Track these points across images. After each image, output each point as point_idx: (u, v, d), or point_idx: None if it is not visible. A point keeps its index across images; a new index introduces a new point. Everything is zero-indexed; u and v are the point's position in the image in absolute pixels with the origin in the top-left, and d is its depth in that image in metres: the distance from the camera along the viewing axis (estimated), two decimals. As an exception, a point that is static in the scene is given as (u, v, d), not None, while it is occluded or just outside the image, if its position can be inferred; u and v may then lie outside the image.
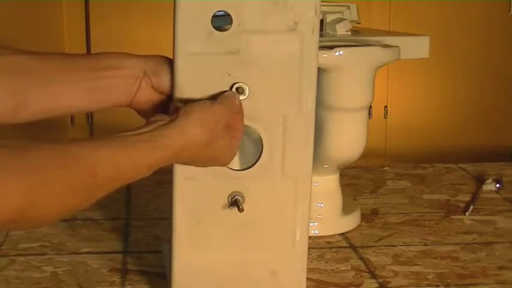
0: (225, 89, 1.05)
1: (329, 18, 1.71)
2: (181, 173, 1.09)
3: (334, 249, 1.50)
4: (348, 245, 1.52)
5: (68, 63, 0.99)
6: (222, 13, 1.03)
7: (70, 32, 2.71)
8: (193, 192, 1.10)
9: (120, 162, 0.82)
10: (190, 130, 0.91)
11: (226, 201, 1.11)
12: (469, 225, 1.65)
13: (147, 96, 1.03)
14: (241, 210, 1.09)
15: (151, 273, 1.37)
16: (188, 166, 1.07)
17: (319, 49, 1.09)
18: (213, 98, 1.01)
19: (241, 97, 1.04)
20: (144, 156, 0.85)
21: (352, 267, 1.41)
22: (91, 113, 2.73)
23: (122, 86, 1.01)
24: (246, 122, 1.08)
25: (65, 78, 0.97)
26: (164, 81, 1.03)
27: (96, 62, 1.00)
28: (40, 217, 0.72)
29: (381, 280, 1.36)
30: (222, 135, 0.96)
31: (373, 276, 1.37)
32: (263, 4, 1.03)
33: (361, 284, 1.34)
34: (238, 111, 1.01)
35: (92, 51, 2.70)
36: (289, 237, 1.14)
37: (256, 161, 1.10)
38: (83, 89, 0.98)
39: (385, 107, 2.93)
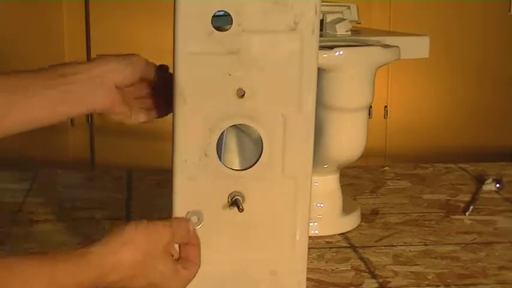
0: (226, 89, 1.05)
1: (329, 18, 1.71)
2: (181, 173, 1.09)
3: (334, 249, 1.50)
4: (348, 245, 1.52)
5: (30, 77, 0.94)
6: (222, 13, 1.03)
7: (70, 32, 2.71)
8: (194, 192, 1.10)
9: (38, 283, 0.72)
10: (120, 249, 0.80)
11: (226, 201, 1.11)
12: (469, 225, 1.65)
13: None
14: (241, 210, 1.09)
15: (152, 273, 1.36)
16: (188, 166, 1.07)
17: (319, 49, 1.09)
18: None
19: (197, 225, 1.03)
20: (65, 275, 0.74)
21: (352, 267, 1.41)
22: (91, 113, 2.73)
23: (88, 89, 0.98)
24: (246, 122, 1.08)
25: (30, 92, 0.92)
26: (125, 75, 1.00)
27: (56, 71, 0.97)
28: None
29: (380, 280, 1.36)
30: (162, 260, 0.85)
31: (373, 276, 1.37)
32: (263, 4, 1.03)
33: (361, 284, 1.34)
34: (192, 241, 0.92)
35: (92, 51, 2.70)
36: (289, 237, 1.14)
37: (256, 161, 1.10)
38: (48, 99, 0.93)
39: (385, 107, 2.93)
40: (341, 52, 1.45)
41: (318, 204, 1.57)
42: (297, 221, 1.14)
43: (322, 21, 1.70)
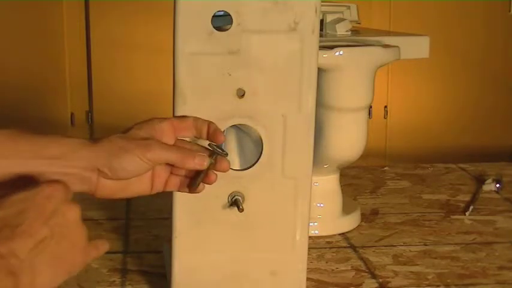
0: (226, 89, 1.05)
1: (329, 18, 1.71)
2: (181, 173, 1.09)
3: (334, 249, 1.50)
4: (348, 245, 1.52)
5: (9, 148, 0.79)
6: (222, 13, 1.03)
7: (70, 32, 2.71)
8: (193, 192, 1.10)
9: None
10: None
11: (226, 201, 1.11)
12: (469, 225, 1.65)
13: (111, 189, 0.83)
14: (241, 210, 1.09)
15: (151, 273, 1.37)
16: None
17: (319, 49, 1.09)
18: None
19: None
20: None
21: (352, 267, 1.41)
22: (91, 113, 2.73)
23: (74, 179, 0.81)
24: (246, 122, 1.08)
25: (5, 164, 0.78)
26: (123, 167, 0.81)
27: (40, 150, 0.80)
28: None
29: (380, 280, 1.35)
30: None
31: (373, 276, 1.37)
32: (263, 4, 1.03)
33: (361, 284, 1.34)
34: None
35: (92, 51, 2.70)
36: (289, 237, 1.14)
37: (256, 161, 1.10)
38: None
39: (385, 107, 2.93)
40: (341, 52, 1.45)
41: (318, 204, 1.57)
42: (297, 221, 1.14)
43: (322, 21, 1.70)
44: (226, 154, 0.80)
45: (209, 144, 0.81)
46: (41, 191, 0.68)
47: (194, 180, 0.82)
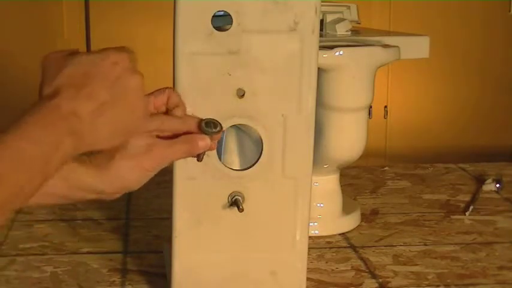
0: (226, 89, 1.05)
1: (329, 18, 1.71)
2: (181, 173, 1.09)
3: (334, 249, 1.50)
4: (348, 245, 1.52)
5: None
6: (222, 13, 1.03)
7: (70, 32, 2.71)
8: (194, 192, 1.10)
9: None
10: None
11: (226, 201, 1.11)
12: (469, 225, 1.65)
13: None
14: (241, 210, 1.09)
15: (151, 273, 1.37)
16: (188, 166, 1.07)
17: (319, 49, 1.09)
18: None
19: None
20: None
21: (352, 267, 1.41)
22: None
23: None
24: (246, 122, 1.08)
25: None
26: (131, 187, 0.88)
27: None
28: None
29: (380, 280, 1.35)
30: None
31: (373, 276, 1.37)
32: (263, 4, 1.03)
33: (361, 284, 1.34)
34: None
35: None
36: (289, 237, 1.14)
37: (256, 161, 1.10)
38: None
39: (385, 107, 2.93)
40: (341, 52, 1.45)
41: (318, 204, 1.57)
42: (297, 221, 1.14)
43: (322, 21, 1.70)
44: (218, 131, 0.85)
45: (201, 127, 0.85)
46: (107, 56, 0.71)
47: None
